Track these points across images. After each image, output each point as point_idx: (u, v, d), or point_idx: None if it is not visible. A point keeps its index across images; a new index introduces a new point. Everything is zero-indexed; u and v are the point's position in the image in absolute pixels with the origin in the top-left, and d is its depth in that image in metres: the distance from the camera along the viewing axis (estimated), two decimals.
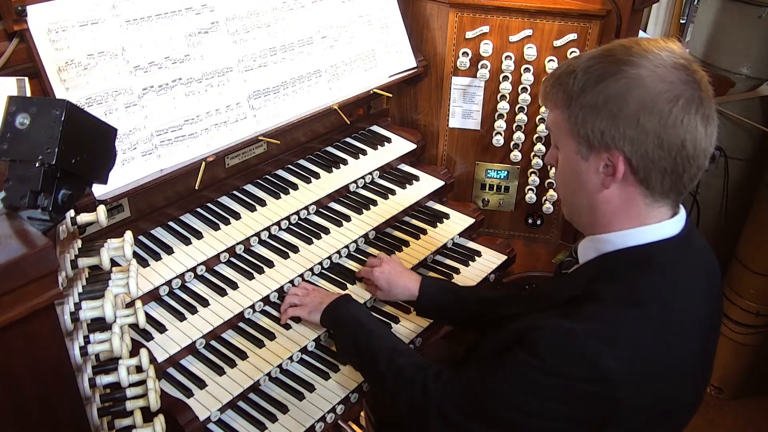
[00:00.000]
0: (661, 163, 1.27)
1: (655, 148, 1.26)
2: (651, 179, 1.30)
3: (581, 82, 1.30)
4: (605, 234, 1.38)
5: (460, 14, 2.30)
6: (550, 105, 1.39)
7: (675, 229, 1.35)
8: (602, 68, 1.29)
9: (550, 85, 1.38)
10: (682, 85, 1.25)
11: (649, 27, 3.92)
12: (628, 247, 1.35)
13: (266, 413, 1.72)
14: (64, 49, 1.67)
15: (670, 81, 1.25)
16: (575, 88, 1.31)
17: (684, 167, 1.29)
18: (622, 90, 1.26)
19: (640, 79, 1.25)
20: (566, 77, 1.33)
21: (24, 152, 1.10)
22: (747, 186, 3.31)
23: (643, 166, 1.28)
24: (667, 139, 1.25)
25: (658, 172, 1.29)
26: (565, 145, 1.37)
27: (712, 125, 1.29)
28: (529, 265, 2.50)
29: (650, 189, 1.31)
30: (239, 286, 1.90)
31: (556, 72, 1.38)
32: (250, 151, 2.14)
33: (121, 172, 1.74)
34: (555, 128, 1.40)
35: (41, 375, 1.11)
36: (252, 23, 2.03)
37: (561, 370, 1.26)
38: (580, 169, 1.35)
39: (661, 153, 1.26)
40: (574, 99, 1.31)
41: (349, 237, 2.13)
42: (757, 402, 3.39)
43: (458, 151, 2.52)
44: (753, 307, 3.14)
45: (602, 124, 1.28)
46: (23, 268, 1.00)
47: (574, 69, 1.32)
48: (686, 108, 1.25)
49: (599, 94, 1.28)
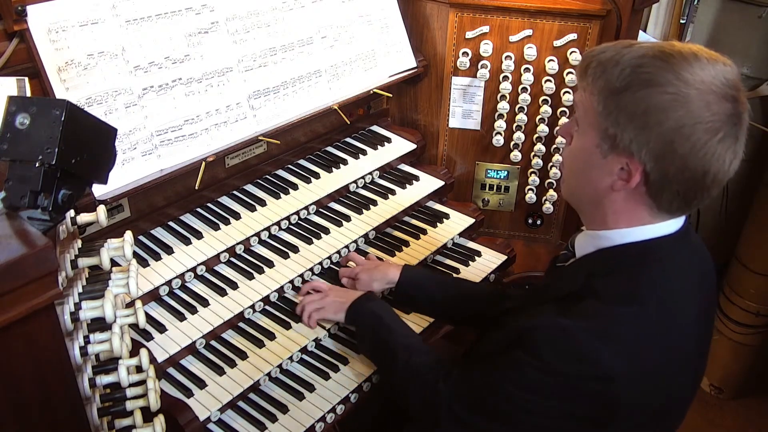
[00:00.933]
0: (677, 186, 1.26)
1: (677, 171, 1.23)
2: (662, 197, 1.28)
3: (627, 80, 1.24)
4: (604, 231, 1.37)
5: (460, 14, 2.30)
6: (584, 84, 1.32)
7: (674, 227, 1.35)
8: (653, 73, 1.22)
9: (593, 66, 1.29)
10: (725, 118, 1.21)
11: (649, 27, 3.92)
12: (627, 243, 1.35)
13: (266, 413, 1.72)
14: (64, 49, 1.67)
15: (716, 112, 1.20)
16: (618, 84, 1.25)
17: (697, 195, 1.27)
18: (665, 104, 1.21)
19: (687, 100, 1.20)
20: (612, 67, 1.26)
21: (24, 152, 1.10)
22: (747, 186, 3.30)
23: (659, 183, 1.26)
24: (693, 166, 1.22)
25: (671, 192, 1.27)
26: (587, 134, 1.33)
27: (737, 159, 1.27)
28: (529, 265, 2.50)
29: (657, 205, 1.30)
30: (239, 286, 1.90)
31: (603, 54, 1.29)
32: (250, 151, 2.14)
33: (121, 172, 1.74)
34: (582, 111, 1.34)
35: (41, 375, 1.11)
36: (252, 23, 2.03)
37: (561, 369, 1.27)
38: (594, 163, 1.32)
39: (681, 177, 1.24)
40: (615, 94, 1.25)
41: (349, 237, 2.13)
42: (757, 402, 3.38)
43: (458, 151, 2.52)
44: (753, 307, 3.14)
45: (634, 131, 1.23)
46: (23, 268, 1.00)
47: (622, 61, 1.25)
48: (722, 142, 1.22)
49: (641, 102, 1.22)
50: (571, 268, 1.47)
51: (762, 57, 3.11)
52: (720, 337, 3.28)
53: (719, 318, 3.27)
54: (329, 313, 1.89)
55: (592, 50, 1.33)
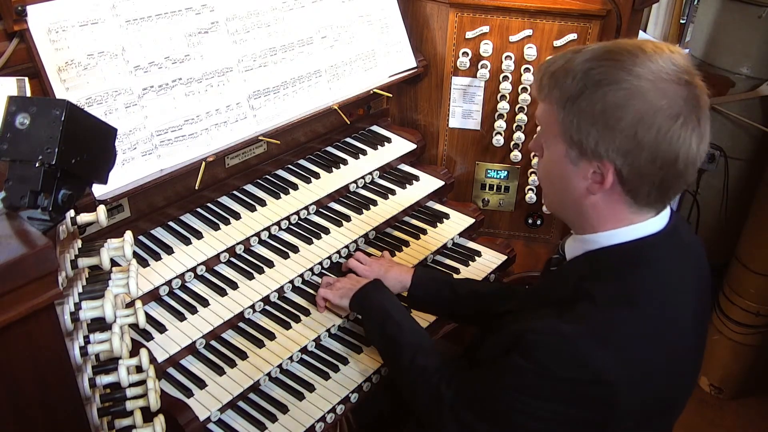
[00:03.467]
0: (651, 177, 1.27)
1: (647, 162, 1.25)
2: (638, 191, 1.29)
3: (579, 85, 1.26)
4: (591, 235, 1.38)
5: (460, 14, 2.30)
6: (542, 97, 1.35)
7: (660, 225, 1.36)
8: (603, 73, 1.24)
9: (546, 78, 1.33)
10: (682, 102, 1.22)
11: (649, 27, 3.92)
12: (615, 245, 1.35)
13: (266, 413, 1.72)
14: (64, 49, 1.67)
15: (671, 97, 1.22)
16: (573, 90, 1.27)
17: (672, 182, 1.28)
18: (621, 101, 1.22)
19: (641, 92, 1.22)
20: (563, 76, 1.29)
21: (24, 152, 1.10)
22: (747, 186, 3.31)
23: (633, 178, 1.27)
24: (661, 154, 1.24)
25: (647, 185, 1.28)
26: (554, 145, 1.34)
27: (704, 142, 1.28)
28: (529, 265, 2.50)
29: (636, 200, 1.31)
30: (239, 286, 1.90)
31: (553, 66, 1.32)
32: (250, 151, 2.14)
33: (121, 172, 1.74)
34: (545, 123, 1.36)
35: (41, 375, 1.11)
36: (252, 23, 2.03)
37: (559, 374, 1.27)
38: (567, 172, 1.34)
39: (653, 168, 1.25)
40: (571, 101, 1.27)
41: (349, 237, 2.13)
42: (757, 402, 3.38)
43: (458, 151, 2.52)
44: (753, 307, 3.14)
45: (597, 133, 1.25)
46: (23, 268, 1.00)
47: (572, 68, 1.28)
48: (684, 125, 1.23)
49: (597, 102, 1.24)
50: (561, 272, 1.48)
51: (762, 57, 3.11)
52: (720, 337, 3.28)
53: (719, 318, 3.27)
54: (336, 295, 1.89)
55: (542, 64, 1.37)
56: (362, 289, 1.86)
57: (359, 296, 1.85)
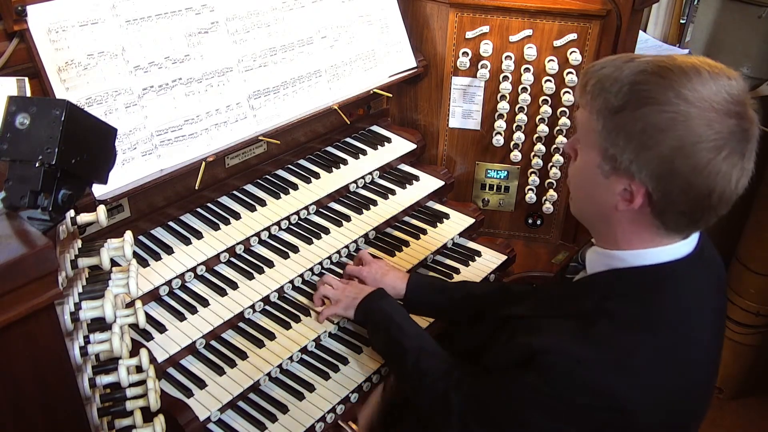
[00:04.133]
0: (682, 206, 1.23)
1: (680, 191, 1.20)
2: (666, 217, 1.26)
3: (624, 99, 1.21)
4: (617, 251, 1.34)
5: (460, 14, 2.30)
6: (583, 102, 1.30)
7: (688, 249, 1.33)
8: (650, 90, 1.19)
9: (591, 84, 1.27)
10: (729, 135, 1.17)
11: (649, 27, 3.92)
12: (642, 266, 1.31)
13: (266, 413, 1.72)
14: (64, 49, 1.67)
15: (718, 130, 1.16)
16: (616, 102, 1.22)
17: (703, 214, 1.25)
18: (663, 124, 1.17)
19: (687, 119, 1.16)
20: (610, 85, 1.23)
21: (24, 152, 1.10)
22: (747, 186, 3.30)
23: (663, 204, 1.23)
24: (696, 186, 1.19)
25: (676, 213, 1.24)
26: (588, 153, 1.30)
27: (745, 176, 1.23)
28: (529, 265, 2.49)
29: (665, 226, 1.27)
30: (239, 286, 1.90)
31: (601, 72, 1.26)
32: (250, 151, 2.14)
33: (121, 172, 1.74)
34: (583, 130, 1.32)
35: (41, 375, 1.11)
36: (252, 23, 2.03)
37: (574, 399, 1.24)
38: (597, 183, 1.29)
39: (685, 198, 1.21)
40: (612, 114, 1.22)
41: (349, 237, 2.13)
42: (757, 402, 3.38)
43: (458, 151, 2.52)
44: (753, 307, 3.14)
45: (633, 152, 1.21)
46: (23, 268, 1.00)
47: (620, 78, 1.22)
48: (726, 160, 1.18)
49: (638, 120, 1.19)
50: (582, 286, 1.44)
51: (762, 57, 3.11)
52: None
53: None
54: (340, 307, 1.89)
55: (592, 65, 1.30)
56: (366, 299, 1.86)
57: (363, 306, 1.86)
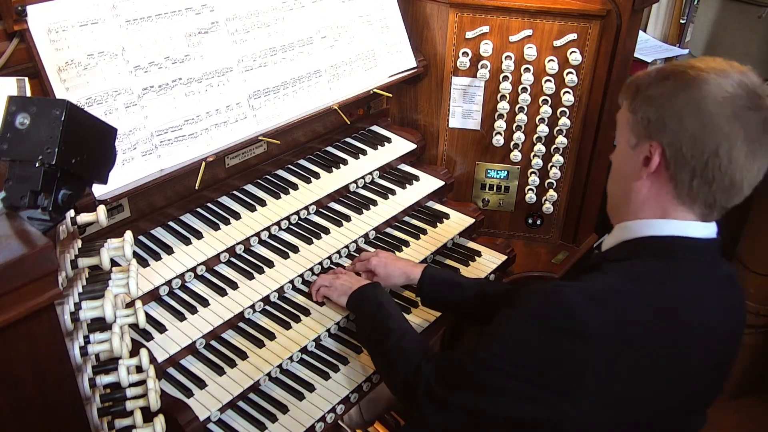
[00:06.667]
0: (692, 162, 1.30)
1: (689, 146, 1.30)
2: (680, 175, 1.32)
3: (650, 80, 1.37)
4: (628, 222, 1.42)
5: (460, 14, 2.30)
6: (620, 100, 1.44)
7: (699, 233, 1.37)
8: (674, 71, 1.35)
9: (626, 83, 1.43)
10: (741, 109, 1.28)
11: (649, 27, 3.92)
12: (650, 236, 1.38)
13: (266, 413, 1.72)
14: (64, 49, 1.67)
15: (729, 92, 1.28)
16: (644, 83, 1.37)
17: (714, 175, 1.30)
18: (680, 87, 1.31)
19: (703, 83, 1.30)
20: (641, 79, 1.39)
21: (24, 152, 1.10)
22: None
23: (675, 161, 1.32)
24: (702, 140, 1.29)
25: (688, 170, 1.31)
26: (622, 136, 1.43)
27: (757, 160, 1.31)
28: (529, 265, 2.50)
29: (678, 187, 1.34)
30: (239, 286, 1.90)
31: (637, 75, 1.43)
32: (250, 151, 2.14)
33: (121, 172, 1.74)
34: (619, 124, 1.45)
35: (41, 375, 1.11)
36: (252, 23, 2.03)
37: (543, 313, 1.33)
38: (626, 158, 1.41)
39: (694, 152, 1.29)
40: (641, 91, 1.37)
41: (349, 237, 2.13)
42: (757, 402, 3.38)
43: (458, 151, 2.52)
44: (753, 307, 3.14)
45: (652, 112, 1.34)
46: (23, 268, 1.00)
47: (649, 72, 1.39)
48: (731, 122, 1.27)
49: (662, 87, 1.34)
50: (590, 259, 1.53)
51: (762, 57, 3.11)
52: None
53: None
54: (334, 293, 1.92)
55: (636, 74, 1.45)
56: (359, 289, 1.89)
57: (356, 294, 1.88)
